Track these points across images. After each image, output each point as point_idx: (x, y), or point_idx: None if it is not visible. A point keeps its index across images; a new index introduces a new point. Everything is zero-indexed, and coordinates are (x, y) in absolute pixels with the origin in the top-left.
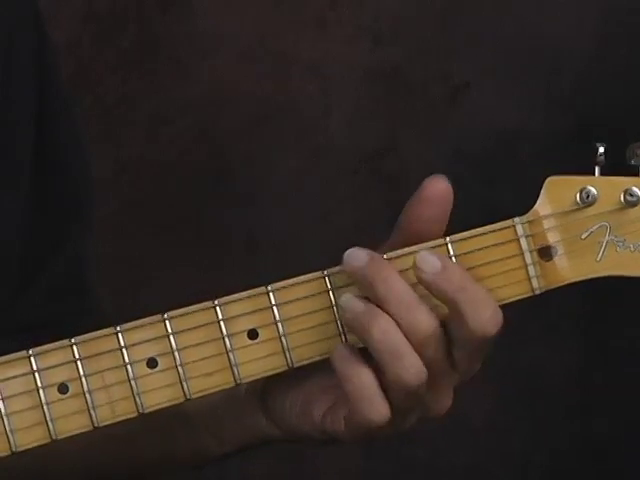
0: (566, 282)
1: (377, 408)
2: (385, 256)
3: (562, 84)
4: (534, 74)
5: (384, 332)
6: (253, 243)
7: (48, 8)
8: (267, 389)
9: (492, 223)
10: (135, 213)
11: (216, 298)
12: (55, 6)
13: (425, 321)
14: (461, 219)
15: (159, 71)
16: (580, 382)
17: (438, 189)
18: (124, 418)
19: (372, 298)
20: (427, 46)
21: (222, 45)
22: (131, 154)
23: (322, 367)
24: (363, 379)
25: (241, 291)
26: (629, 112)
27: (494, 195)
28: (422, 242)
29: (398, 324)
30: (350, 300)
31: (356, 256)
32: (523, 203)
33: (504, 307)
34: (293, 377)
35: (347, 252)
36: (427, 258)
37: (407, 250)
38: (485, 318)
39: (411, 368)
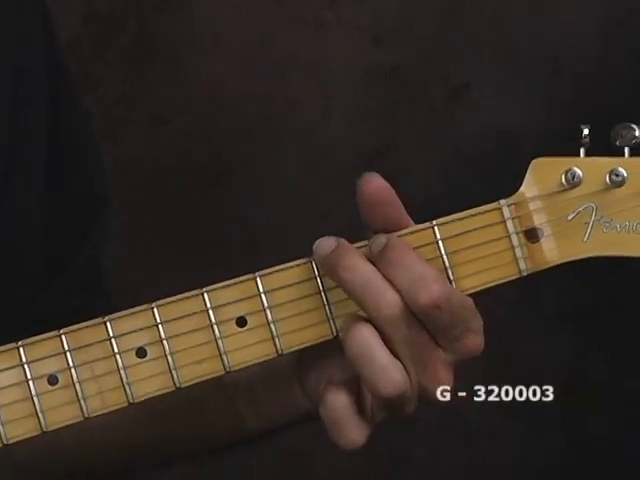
0: (553, 263)
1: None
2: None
3: (562, 84)
4: (534, 74)
5: (359, 340)
6: (253, 243)
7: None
8: (301, 362)
9: None
10: (135, 213)
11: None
12: (55, 6)
13: (391, 301)
14: None
15: (159, 71)
16: (579, 381)
17: (371, 188)
18: (114, 408)
19: (340, 285)
20: (427, 46)
21: (222, 45)
22: (131, 154)
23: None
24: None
25: None
26: (629, 112)
27: (494, 195)
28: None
29: (365, 307)
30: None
31: (323, 246)
32: None
33: (496, 293)
34: (319, 352)
35: (316, 242)
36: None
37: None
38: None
39: (386, 376)
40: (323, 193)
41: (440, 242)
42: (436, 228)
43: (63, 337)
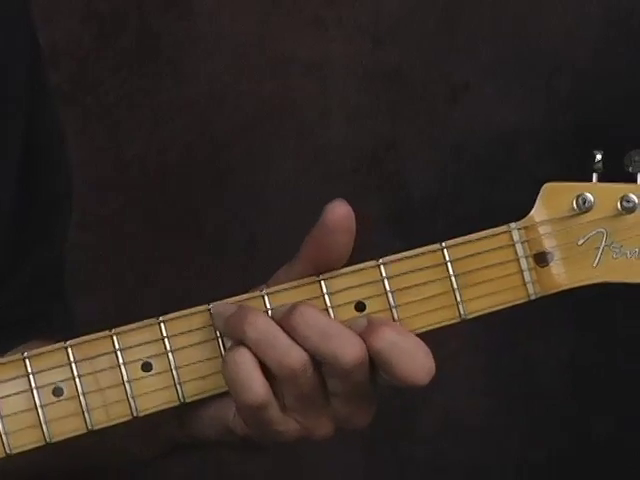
0: (562, 288)
1: (252, 388)
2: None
3: (562, 84)
4: (534, 74)
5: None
6: (253, 243)
7: (48, 8)
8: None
9: (491, 223)
10: (135, 213)
11: (215, 298)
12: (55, 6)
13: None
14: (461, 219)
15: (159, 71)
16: (579, 381)
17: (338, 214)
18: (118, 421)
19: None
20: (427, 46)
21: (222, 45)
22: (131, 154)
23: None
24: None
25: (241, 291)
26: (629, 112)
27: (494, 195)
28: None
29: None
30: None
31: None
32: (523, 203)
33: (499, 310)
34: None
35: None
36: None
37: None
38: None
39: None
40: (323, 193)
41: (449, 264)
42: (445, 250)
43: (69, 349)
